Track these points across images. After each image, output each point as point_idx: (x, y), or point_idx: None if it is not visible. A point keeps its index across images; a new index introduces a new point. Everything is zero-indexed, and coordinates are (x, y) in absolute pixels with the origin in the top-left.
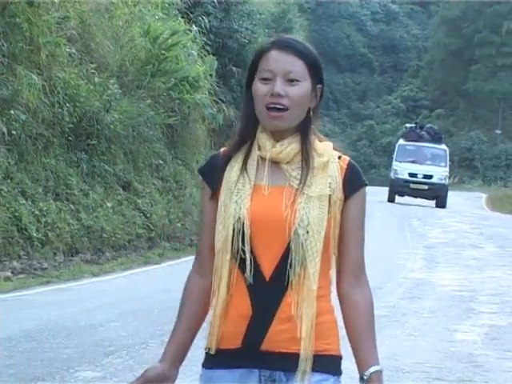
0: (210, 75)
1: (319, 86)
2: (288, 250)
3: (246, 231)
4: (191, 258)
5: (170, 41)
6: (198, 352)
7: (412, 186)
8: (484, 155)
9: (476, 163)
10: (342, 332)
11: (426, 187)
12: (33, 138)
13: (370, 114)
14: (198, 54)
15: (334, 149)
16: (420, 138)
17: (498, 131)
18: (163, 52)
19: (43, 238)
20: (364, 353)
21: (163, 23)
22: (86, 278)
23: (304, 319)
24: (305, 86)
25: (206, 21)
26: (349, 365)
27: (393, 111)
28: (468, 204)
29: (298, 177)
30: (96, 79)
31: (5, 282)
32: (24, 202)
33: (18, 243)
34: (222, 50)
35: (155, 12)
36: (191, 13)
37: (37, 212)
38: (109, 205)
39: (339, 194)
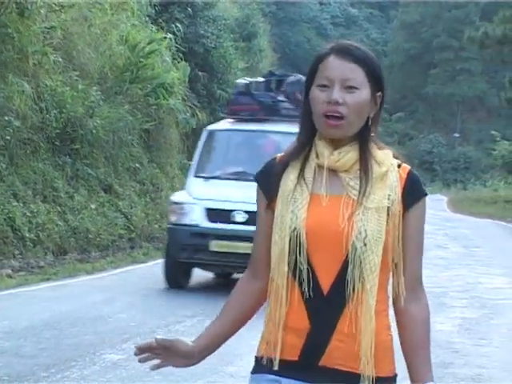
0: (184, 81)
1: (379, 93)
2: (346, 263)
3: (302, 243)
4: None
5: (147, 48)
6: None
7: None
8: (443, 158)
9: (435, 166)
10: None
11: None
12: (22, 142)
13: None
14: (172, 61)
15: (393, 156)
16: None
17: (457, 134)
18: (141, 59)
19: (35, 238)
20: (419, 368)
21: (137, 30)
22: (81, 275)
23: (363, 336)
24: (363, 94)
25: (180, 27)
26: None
27: None
28: (431, 206)
29: (356, 187)
30: (79, 86)
31: (8, 279)
32: (16, 203)
33: (13, 243)
34: (189, 55)
35: (132, 20)
36: (160, 18)
37: (28, 213)
38: (92, 207)
39: (398, 205)
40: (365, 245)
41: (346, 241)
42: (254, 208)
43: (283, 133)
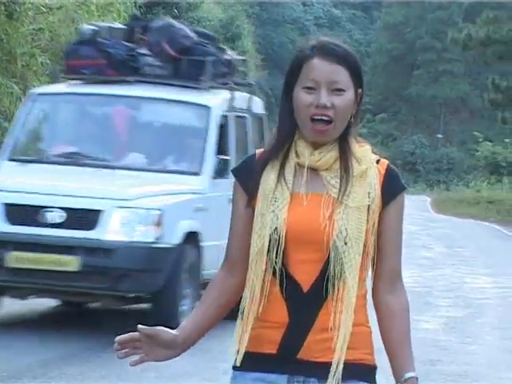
0: None
1: (359, 90)
2: (327, 261)
3: (281, 243)
4: None
5: None
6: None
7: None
8: (426, 159)
9: (418, 167)
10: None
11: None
12: None
13: None
14: None
15: (372, 151)
16: (114, 65)
17: (440, 135)
18: None
19: None
20: (400, 359)
21: None
22: None
23: (341, 330)
24: (349, 95)
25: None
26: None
27: None
28: (415, 207)
29: (337, 185)
30: None
31: None
32: None
33: None
34: None
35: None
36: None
37: None
38: None
39: (378, 202)
40: (345, 244)
41: (327, 240)
42: (76, 204)
43: (142, 99)
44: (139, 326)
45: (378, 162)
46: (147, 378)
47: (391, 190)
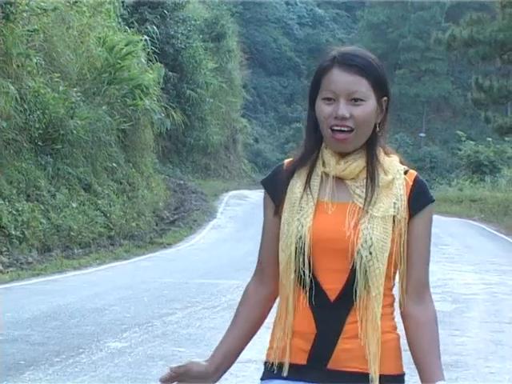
0: (158, 82)
1: (384, 98)
2: (352, 271)
3: (306, 252)
4: (155, 255)
5: (124, 50)
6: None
7: None
8: (409, 158)
9: None
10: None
11: None
12: (6, 143)
13: (298, 116)
14: (147, 63)
15: (400, 162)
16: None
17: (423, 134)
18: (118, 61)
19: (21, 235)
20: (429, 369)
21: (114, 32)
22: (68, 271)
23: (370, 339)
24: (370, 105)
25: (155, 29)
26: None
27: None
28: None
29: (362, 195)
30: (60, 87)
31: (0, 275)
32: (2, 202)
33: (0, 240)
34: (159, 56)
35: (108, 22)
36: (131, 18)
37: (14, 211)
38: (74, 205)
39: (404, 212)
40: (370, 253)
41: (352, 248)
42: None
43: None
44: (170, 366)
45: (405, 172)
46: (156, 365)
47: (418, 201)
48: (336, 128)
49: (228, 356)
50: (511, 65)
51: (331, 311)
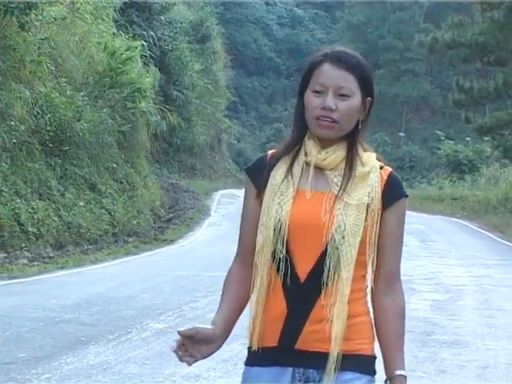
0: (154, 85)
1: (368, 98)
2: (324, 254)
3: (283, 233)
4: (161, 250)
5: (124, 55)
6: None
7: None
8: (388, 157)
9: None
10: None
11: None
12: (20, 144)
13: (278, 116)
14: (143, 67)
15: (377, 159)
16: None
17: (402, 133)
18: (119, 66)
19: (37, 232)
20: (390, 357)
21: (114, 38)
22: (87, 265)
23: (335, 321)
24: (355, 101)
25: (152, 34)
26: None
27: None
28: None
29: (339, 183)
30: (67, 92)
31: (29, 268)
32: (19, 200)
33: (19, 237)
34: (146, 58)
35: (108, 28)
36: (120, 21)
37: (30, 210)
38: (81, 204)
39: (378, 203)
40: (343, 238)
41: (326, 233)
42: None
43: None
44: (178, 330)
45: (381, 168)
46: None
47: (391, 195)
48: (322, 119)
49: (227, 322)
50: (491, 66)
51: (301, 293)
